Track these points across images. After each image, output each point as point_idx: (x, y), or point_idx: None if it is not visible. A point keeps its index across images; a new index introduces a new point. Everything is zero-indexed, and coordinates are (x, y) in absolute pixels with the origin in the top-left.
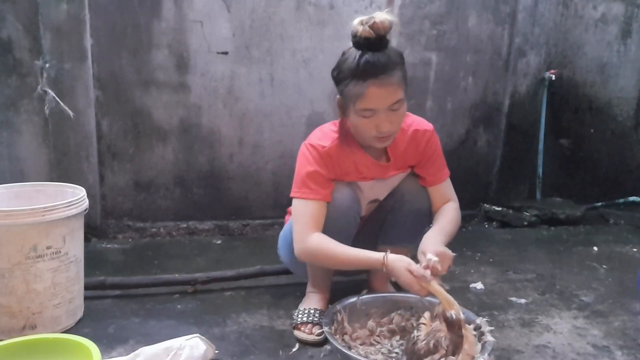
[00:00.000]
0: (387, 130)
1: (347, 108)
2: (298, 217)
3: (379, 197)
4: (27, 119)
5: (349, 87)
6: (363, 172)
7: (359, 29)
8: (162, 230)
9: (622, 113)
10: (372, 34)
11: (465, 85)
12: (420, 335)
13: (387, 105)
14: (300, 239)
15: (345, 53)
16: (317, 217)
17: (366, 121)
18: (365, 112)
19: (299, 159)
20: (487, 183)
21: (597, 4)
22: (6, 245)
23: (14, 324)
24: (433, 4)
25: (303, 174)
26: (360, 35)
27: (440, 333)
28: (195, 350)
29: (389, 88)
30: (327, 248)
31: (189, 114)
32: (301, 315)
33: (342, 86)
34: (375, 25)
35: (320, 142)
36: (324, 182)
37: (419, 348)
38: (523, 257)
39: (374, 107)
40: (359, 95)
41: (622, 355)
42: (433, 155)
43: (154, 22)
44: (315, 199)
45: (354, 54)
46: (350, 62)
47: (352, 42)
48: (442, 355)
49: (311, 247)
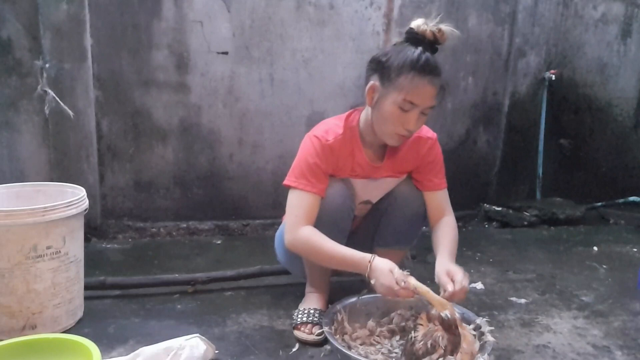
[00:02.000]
0: (412, 129)
1: (385, 96)
2: (292, 208)
3: (371, 198)
4: (27, 119)
5: (403, 78)
6: (356, 170)
7: (425, 29)
8: (162, 230)
9: (622, 113)
10: (436, 38)
11: (465, 85)
12: (418, 335)
13: (427, 105)
14: (291, 230)
15: (397, 45)
16: (311, 210)
17: (400, 114)
18: (406, 105)
19: (301, 149)
20: (487, 183)
21: (597, 4)
22: (6, 245)
23: (14, 324)
24: (433, 4)
25: (303, 165)
26: (427, 36)
27: (438, 333)
28: (195, 350)
29: (435, 91)
30: (316, 242)
31: (189, 114)
32: (301, 315)
33: (391, 74)
34: (441, 31)
35: (325, 135)
36: (322, 176)
37: (417, 348)
38: (523, 257)
39: (419, 103)
40: (412, 87)
41: (622, 355)
42: (433, 162)
43: (154, 22)
44: (312, 192)
45: (413, 49)
46: (411, 54)
47: (406, 38)
48: (440, 355)
49: (301, 238)
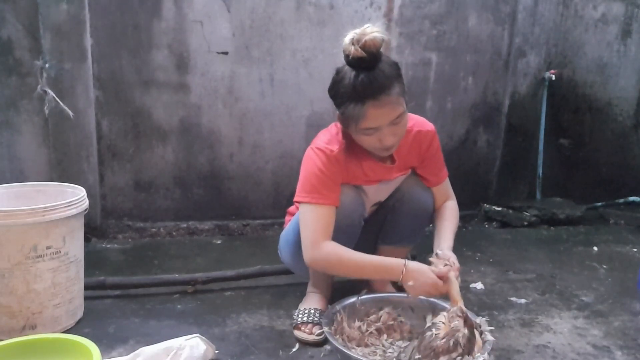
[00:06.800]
0: (391, 143)
1: (348, 126)
2: (309, 223)
3: (382, 199)
4: (27, 119)
5: (348, 109)
6: (369, 175)
7: (350, 50)
8: (162, 230)
9: (622, 113)
10: (364, 54)
11: (465, 85)
12: (440, 333)
13: (388, 121)
14: (311, 246)
15: (339, 72)
16: (328, 223)
17: (369, 138)
18: (367, 131)
19: (305, 163)
20: (487, 183)
21: (597, 4)
22: (6, 245)
23: (14, 324)
24: (433, 4)
25: (313, 179)
26: (353, 57)
27: (459, 333)
28: (195, 350)
29: (389, 106)
30: (343, 256)
31: (189, 114)
32: (301, 315)
33: (340, 107)
34: (366, 44)
35: (329, 146)
36: (334, 186)
37: (438, 345)
38: (523, 257)
39: (375, 126)
40: (359, 116)
41: (622, 355)
42: (434, 155)
43: (154, 22)
44: (326, 204)
45: (348, 74)
46: (346, 83)
47: (345, 61)
48: (459, 354)
49: (326, 255)
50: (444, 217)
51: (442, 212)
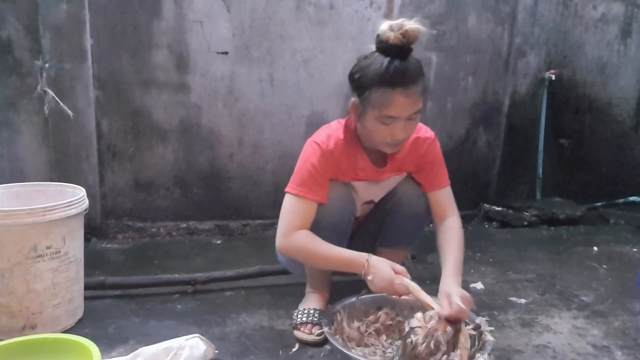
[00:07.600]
0: (402, 138)
1: (365, 112)
2: (288, 212)
3: (374, 198)
4: (27, 119)
5: (376, 94)
6: (359, 174)
7: (390, 36)
8: (162, 230)
9: (622, 113)
10: (403, 41)
11: (465, 85)
12: (419, 338)
13: (408, 114)
14: (283, 234)
15: (367, 57)
16: (308, 216)
17: (384, 128)
18: (386, 119)
19: (302, 155)
20: (487, 183)
21: (597, 4)
22: (6, 245)
23: (14, 324)
24: (433, 4)
25: (304, 172)
26: (392, 43)
27: (438, 332)
28: (195, 350)
29: (414, 97)
30: (310, 245)
31: (189, 114)
32: (301, 315)
33: (364, 91)
34: (407, 33)
35: (327, 141)
36: (323, 183)
37: (420, 352)
38: (523, 257)
39: (397, 115)
40: (385, 102)
41: (622, 355)
42: (432, 161)
43: (154, 22)
44: (311, 199)
45: (380, 60)
46: (378, 68)
47: (376, 47)
48: (443, 353)
49: (294, 243)
50: (448, 240)
51: (446, 235)
